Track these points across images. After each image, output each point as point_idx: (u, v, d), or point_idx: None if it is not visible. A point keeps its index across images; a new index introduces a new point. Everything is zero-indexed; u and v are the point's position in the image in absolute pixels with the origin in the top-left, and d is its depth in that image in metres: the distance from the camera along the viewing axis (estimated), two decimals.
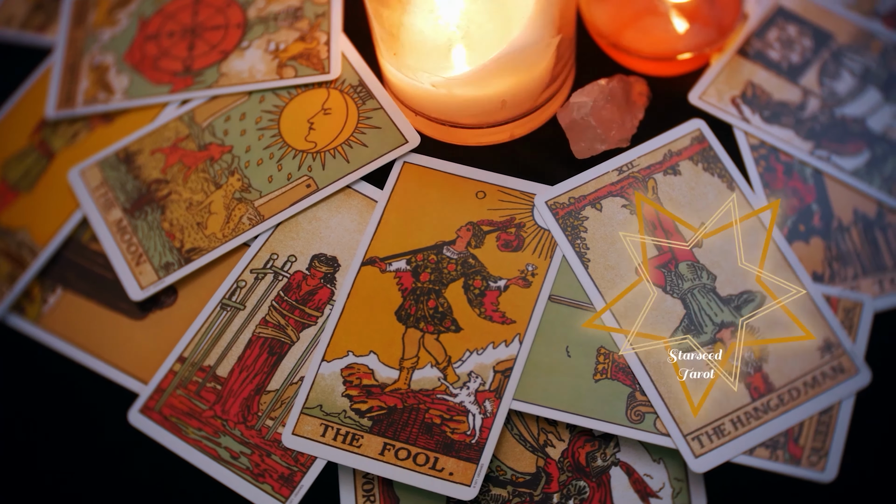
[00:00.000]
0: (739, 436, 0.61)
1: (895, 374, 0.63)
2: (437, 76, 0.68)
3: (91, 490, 0.66)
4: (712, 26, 0.71)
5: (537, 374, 0.63)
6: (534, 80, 0.69)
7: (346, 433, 0.63)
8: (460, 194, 0.69)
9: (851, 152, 0.67)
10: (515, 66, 0.67)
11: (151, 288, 0.68)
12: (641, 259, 0.64)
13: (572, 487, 0.62)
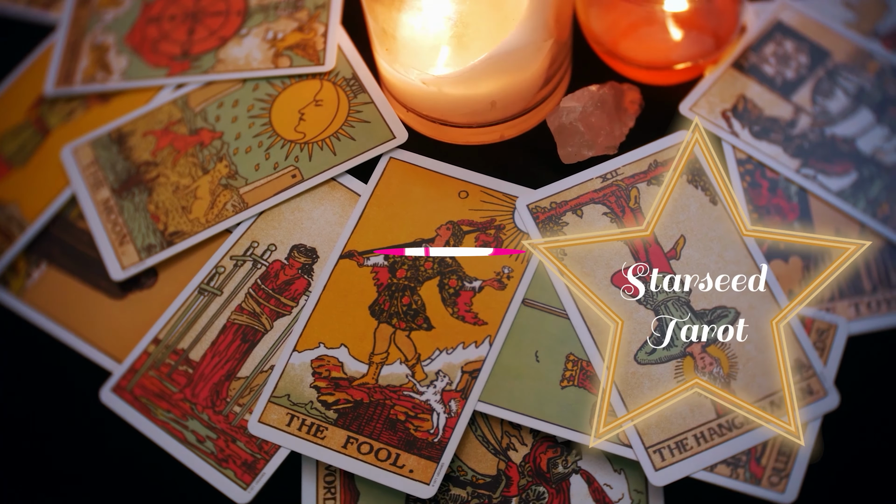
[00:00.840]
0: (701, 451, 0.60)
1: (864, 400, 0.62)
2: (427, 74, 0.68)
3: (59, 463, 0.67)
4: (709, 38, 0.70)
5: (505, 377, 0.63)
6: (525, 81, 0.69)
7: (312, 424, 0.63)
8: (443, 193, 0.69)
9: (838, 172, 0.67)
10: (505, 67, 0.67)
11: (132, 269, 0.69)
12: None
13: (531, 492, 0.62)
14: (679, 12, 0.69)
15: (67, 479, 0.66)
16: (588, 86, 0.71)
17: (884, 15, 0.72)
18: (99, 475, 0.66)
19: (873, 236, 0.65)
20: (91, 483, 0.66)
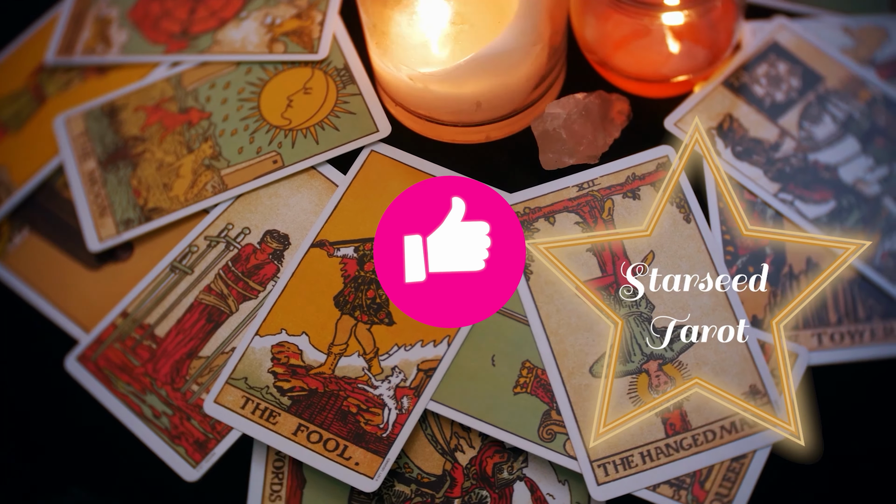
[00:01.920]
0: (646, 470, 0.60)
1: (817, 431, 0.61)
2: (414, 70, 0.68)
3: (17, 424, 0.68)
4: (702, 54, 0.69)
5: (459, 379, 0.63)
6: (512, 84, 0.69)
7: (266, 409, 0.64)
8: None
9: (816, 200, 0.66)
10: (491, 68, 0.67)
11: (109, 241, 0.70)
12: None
13: (474, 495, 0.62)
14: (674, 26, 0.68)
15: (25, 443, 0.68)
16: (575, 93, 0.71)
17: (882, 44, 0.71)
18: (55, 441, 0.67)
19: (847, 268, 0.64)
20: (46, 448, 0.67)
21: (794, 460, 0.61)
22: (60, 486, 0.67)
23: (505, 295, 0.64)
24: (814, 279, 0.63)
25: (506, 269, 0.65)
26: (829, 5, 0.73)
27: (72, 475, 0.66)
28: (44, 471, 0.67)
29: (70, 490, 0.67)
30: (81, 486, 0.66)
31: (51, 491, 0.67)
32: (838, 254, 0.63)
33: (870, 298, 0.63)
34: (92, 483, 0.66)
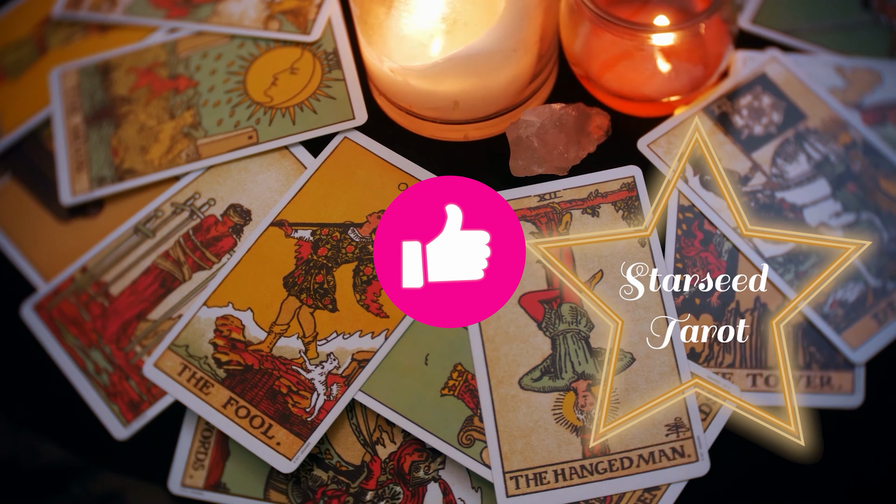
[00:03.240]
0: (558, 489, 0.60)
1: (732, 472, 0.60)
2: (395, 63, 0.68)
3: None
4: (687, 77, 0.69)
5: (391, 373, 0.64)
6: (492, 87, 0.69)
7: (201, 378, 0.65)
8: (384, 181, 0.69)
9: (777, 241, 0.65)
10: (470, 69, 0.67)
11: (81, 196, 0.72)
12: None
13: (388, 490, 0.63)
14: (662, 47, 0.67)
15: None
16: (553, 103, 0.71)
17: (874, 88, 0.69)
18: (3, 386, 0.69)
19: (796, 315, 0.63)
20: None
21: (794, 460, 0.60)
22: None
23: (505, 296, 0.64)
24: (814, 280, 0.62)
25: (506, 269, 0.64)
26: (828, 43, 0.72)
27: (10, 414, 0.68)
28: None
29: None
30: (14, 424, 0.68)
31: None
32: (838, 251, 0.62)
33: (812, 346, 0.62)
34: (28, 425, 0.68)
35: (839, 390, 0.61)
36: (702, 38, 0.67)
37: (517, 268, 0.65)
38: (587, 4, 0.65)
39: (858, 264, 0.64)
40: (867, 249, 0.63)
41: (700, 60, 0.68)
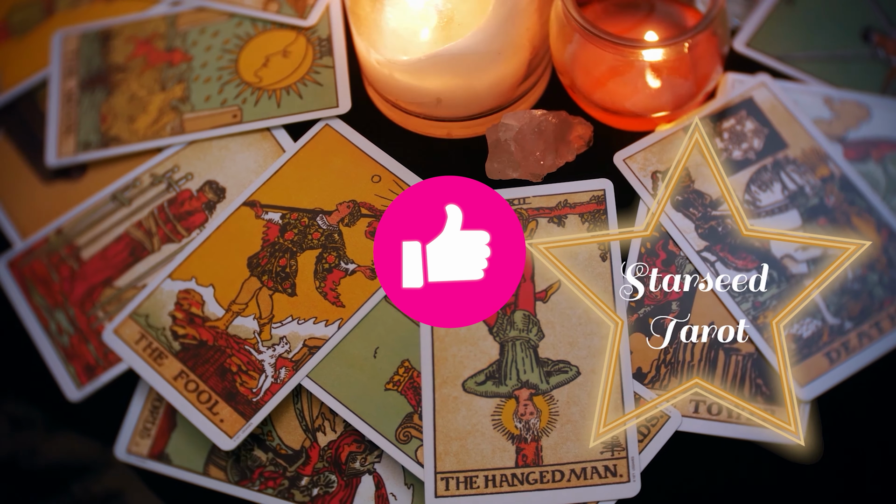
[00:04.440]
0: (486, 494, 0.60)
1: (662, 498, 0.60)
2: (381, 55, 0.68)
3: None
4: (673, 95, 0.68)
5: (339, 363, 0.64)
6: (476, 87, 0.69)
7: (156, 349, 0.66)
8: (358, 171, 0.70)
9: (738, 266, 0.64)
10: (453, 68, 0.67)
11: (66, 159, 0.73)
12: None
13: (322, 478, 0.63)
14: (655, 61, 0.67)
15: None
16: (535, 109, 0.70)
17: (860, 122, 0.68)
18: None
19: (746, 343, 0.62)
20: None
21: (794, 460, 0.60)
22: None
23: (505, 296, 0.64)
24: (813, 280, 0.62)
25: (506, 269, 0.64)
26: (821, 73, 0.71)
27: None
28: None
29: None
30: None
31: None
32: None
33: (760, 378, 0.61)
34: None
35: (782, 426, 0.60)
36: (689, 56, 0.66)
37: (517, 268, 0.65)
38: (575, 18, 0.65)
39: (819, 300, 0.63)
40: (828, 286, 0.62)
41: (687, 79, 0.67)
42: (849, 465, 0.62)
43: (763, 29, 0.72)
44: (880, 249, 0.64)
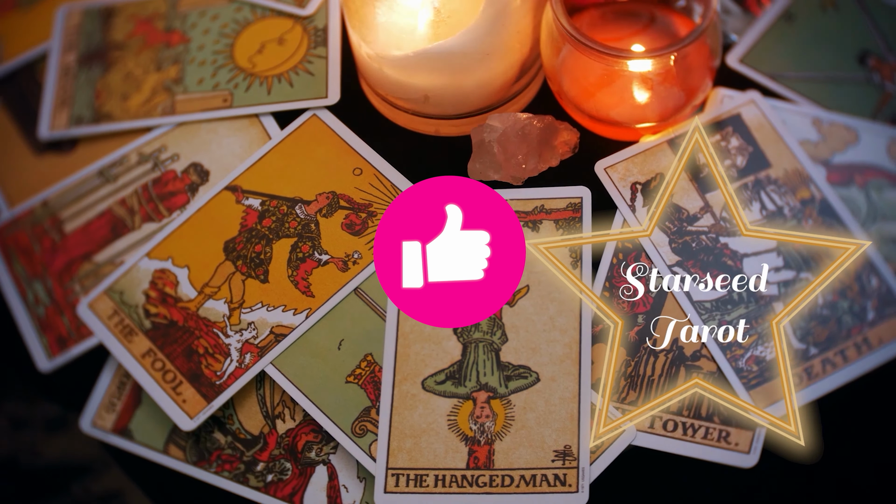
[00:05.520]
0: (435, 493, 0.60)
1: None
2: (372, 50, 0.69)
3: None
4: (660, 107, 0.67)
5: (303, 352, 0.64)
6: (464, 87, 0.69)
7: (127, 325, 0.67)
8: (341, 163, 0.70)
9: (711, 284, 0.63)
10: (440, 67, 0.67)
11: (58, 133, 0.74)
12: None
13: (277, 465, 0.64)
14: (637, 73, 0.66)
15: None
16: (522, 112, 0.70)
17: (847, 146, 0.67)
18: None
19: (708, 361, 0.62)
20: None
21: (794, 460, 0.60)
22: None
23: (505, 296, 0.64)
24: (813, 281, 0.62)
25: (506, 269, 0.64)
26: (812, 94, 0.70)
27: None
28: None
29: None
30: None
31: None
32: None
33: (717, 397, 0.61)
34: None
35: (735, 448, 0.60)
36: (676, 68, 0.66)
37: (517, 268, 0.65)
38: (563, 25, 0.64)
39: (786, 324, 0.62)
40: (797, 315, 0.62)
41: (674, 91, 0.67)
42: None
43: (759, 45, 0.71)
44: (853, 277, 0.63)
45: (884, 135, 0.68)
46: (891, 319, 0.63)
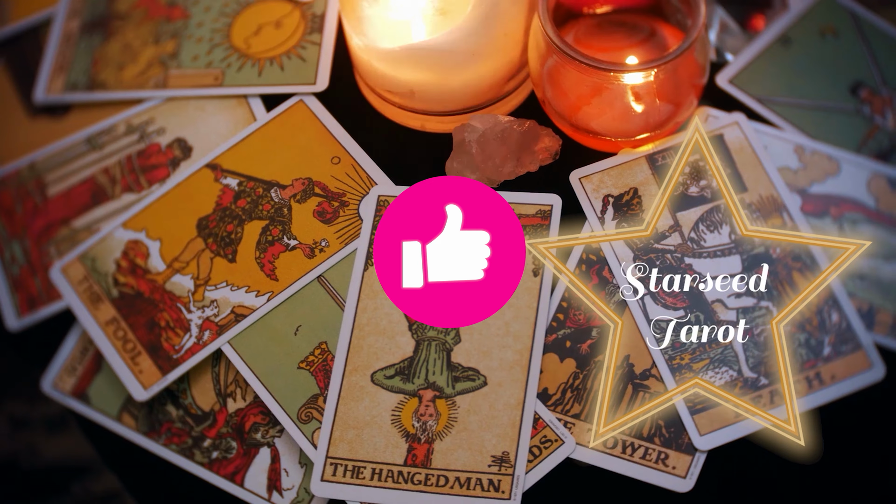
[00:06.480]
0: (369, 487, 0.60)
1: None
2: (362, 41, 0.69)
3: None
4: (642, 121, 0.67)
5: (260, 335, 0.65)
6: (450, 85, 0.69)
7: (95, 292, 0.68)
8: (320, 150, 0.70)
9: (667, 304, 0.63)
10: (424, 63, 0.68)
11: (52, 97, 0.76)
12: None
13: (224, 443, 0.64)
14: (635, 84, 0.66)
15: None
16: (504, 114, 0.70)
17: (828, 177, 0.66)
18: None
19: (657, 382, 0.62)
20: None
21: (794, 460, 0.61)
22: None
23: (505, 296, 0.64)
24: (813, 280, 0.62)
25: (506, 269, 0.65)
26: (799, 121, 0.69)
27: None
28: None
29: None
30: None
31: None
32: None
33: (661, 418, 0.61)
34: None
35: (672, 471, 0.60)
36: (660, 84, 0.65)
37: (517, 268, 0.65)
38: (549, 35, 0.64)
39: (739, 350, 0.62)
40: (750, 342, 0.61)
41: (656, 107, 0.66)
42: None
43: (751, 67, 0.70)
44: (814, 310, 0.63)
45: (866, 168, 0.67)
46: (846, 357, 0.62)
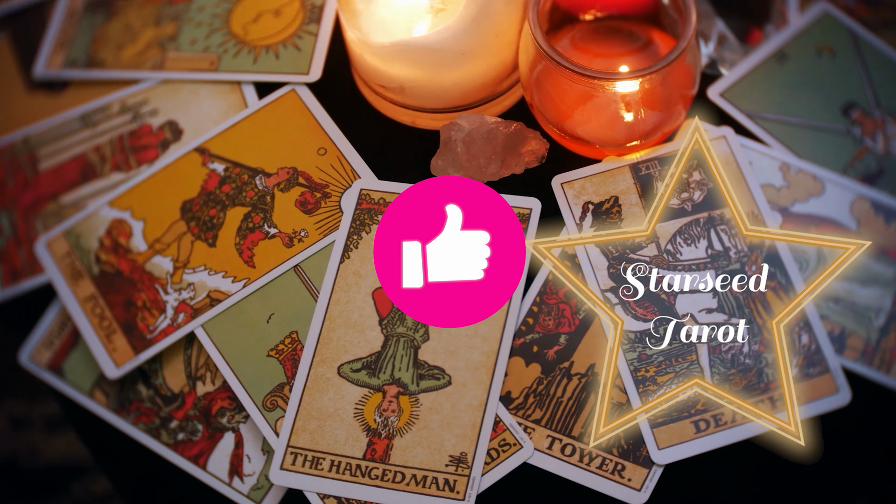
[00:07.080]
0: (327, 478, 0.61)
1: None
2: (355, 35, 0.69)
3: None
4: (628, 130, 0.67)
5: (233, 321, 0.66)
6: (441, 83, 0.69)
7: (77, 269, 0.69)
8: (307, 141, 0.71)
9: (638, 315, 0.63)
10: (414, 60, 0.68)
11: (52, 73, 0.77)
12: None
13: (190, 425, 0.65)
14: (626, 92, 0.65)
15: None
16: (491, 115, 0.70)
17: (811, 197, 0.66)
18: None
19: (619, 392, 0.61)
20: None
21: (794, 460, 0.61)
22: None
23: (505, 295, 0.65)
24: (813, 280, 0.62)
25: (506, 269, 0.65)
26: (787, 138, 0.68)
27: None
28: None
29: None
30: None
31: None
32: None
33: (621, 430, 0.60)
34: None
35: (627, 483, 0.59)
36: (648, 94, 0.65)
37: (517, 268, 0.65)
38: (538, 41, 0.64)
39: (706, 364, 0.61)
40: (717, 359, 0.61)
41: (643, 116, 0.66)
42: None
43: (743, 81, 0.70)
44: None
45: (851, 191, 0.66)
46: (812, 380, 0.61)
